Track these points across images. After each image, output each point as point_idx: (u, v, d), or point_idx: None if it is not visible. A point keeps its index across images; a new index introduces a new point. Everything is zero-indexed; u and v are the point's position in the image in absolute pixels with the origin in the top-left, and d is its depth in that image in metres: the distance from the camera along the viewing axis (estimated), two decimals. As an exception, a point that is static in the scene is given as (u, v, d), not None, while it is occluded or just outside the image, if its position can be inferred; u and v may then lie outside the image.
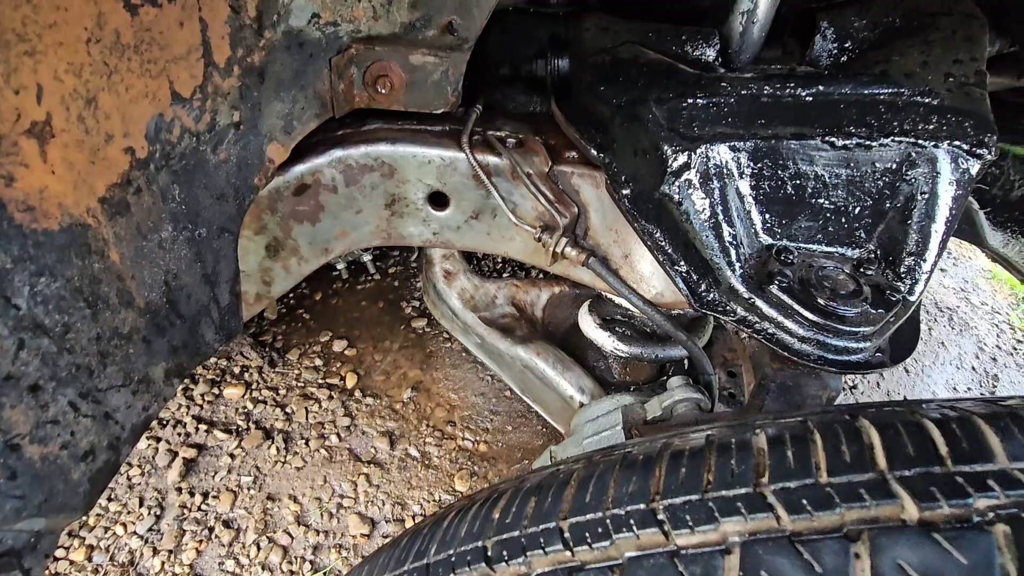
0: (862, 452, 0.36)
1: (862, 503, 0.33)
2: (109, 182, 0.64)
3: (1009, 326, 2.78)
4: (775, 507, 0.35)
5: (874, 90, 0.77)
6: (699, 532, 0.36)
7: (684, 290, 0.81)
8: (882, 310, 0.72)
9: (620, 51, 0.90)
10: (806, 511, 0.34)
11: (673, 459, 0.41)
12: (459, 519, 0.49)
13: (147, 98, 0.65)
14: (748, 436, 0.40)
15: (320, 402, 1.91)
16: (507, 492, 0.48)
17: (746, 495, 0.37)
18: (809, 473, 0.36)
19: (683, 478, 0.39)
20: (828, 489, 0.35)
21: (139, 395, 0.76)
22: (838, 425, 0.39)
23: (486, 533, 0.45)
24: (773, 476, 0.37)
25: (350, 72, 0.93)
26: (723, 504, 0.36)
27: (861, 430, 0.38)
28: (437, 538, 0.49)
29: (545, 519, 0.43)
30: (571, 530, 0.40)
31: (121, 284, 0.70)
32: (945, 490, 0.33)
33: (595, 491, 0.42)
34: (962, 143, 0.72)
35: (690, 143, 0.76)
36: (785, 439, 0.39)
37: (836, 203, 0.78)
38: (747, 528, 0.35)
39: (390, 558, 0.54)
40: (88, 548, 1.53)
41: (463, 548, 0.46)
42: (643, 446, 0.44)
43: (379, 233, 1.16)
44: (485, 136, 1.08)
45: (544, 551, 0.41)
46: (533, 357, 1.36)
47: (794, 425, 0.40)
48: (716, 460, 0.39)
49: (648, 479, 0.40)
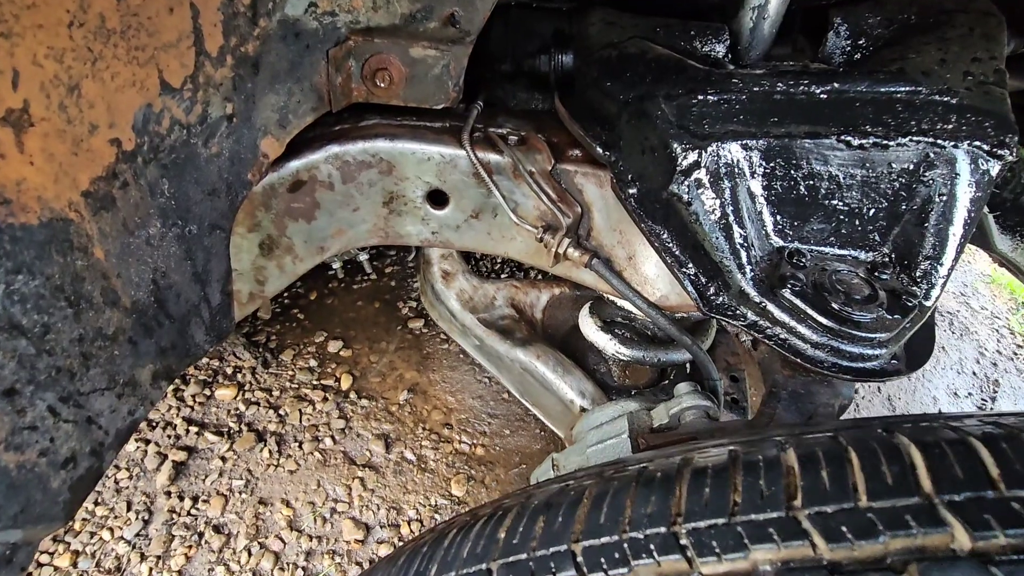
0: (905, 473, 0.33)
1: (908, 531, 0.31)
2: (93, 175, 0.60)
3: (1009, 331, 2.77)
4: (811, 534, 0.32)
5: (891, 88, 0.75)
6: (727, 560, 0.33)
7: (692, 293, 0.78)
8: (898, 315, 0.69)
9: (627, 46, 0.88)
10: (846, 539, 0.31)
11: (695, 477, 0.38)
12: (462, 537, 0.46)
13: (134, 87, 0.62)
14: (776, 453, 0.37)
15: (314, 404, 1.87)
16: (513, 509, 0.45)
17: (778, 519, 0.34)
18: (847, 496, 0.33)
19: (707, 499, 0.36)
20: (869, 515, 0.32)
21: (124, 399, 0.73)
22: (874, 442, 0.36)
23: (491, 555, 0.42)
24: (807, 499, 0.34)
25: (348, 65, 0.90)
26: (753, 529, 0.34)
27: (900, 448, 0.35)
28: (438, 558, 0.46)
29: (556, 541, 0.40)
30: (584, 554, 0.37)
31: (106, 283, 0.66)
32: (1000, 517, 0.30)
33: (610, 511, 0.39)
34: (982, 143, 0.70)
35: (701, 141, 0.73)
36: (818, 457, 0.36)
37: (850, 205, 0.75)
38: (780, 556, 0.32)
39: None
40: (73, 554, 1.49)
41: (466, 571, 0.42)
42: (660, 461, 0.42)
43: (376, 232, 1.13)
44: (486, 133, 1.05)
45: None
46: (533, 360, 1.33)
47: (825, 441, 0.37)
48: (743, 479, 0.37)
49: (668, 499, 0.37)
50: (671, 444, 0.46)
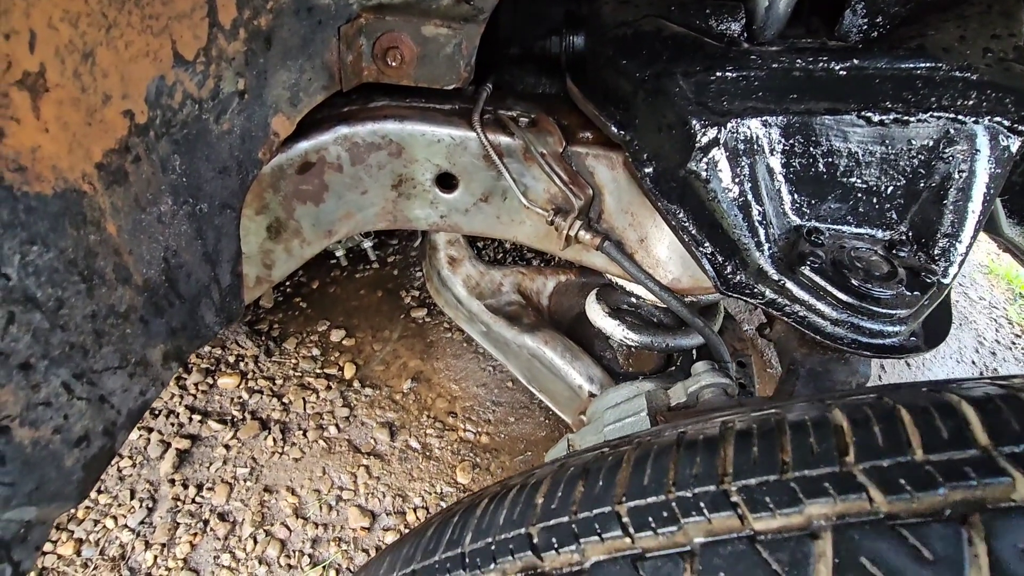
0: (960, 427, 0.33)
1: (968, 482, 0.30)
2: (106, 147, 0.59)
3: (1007, 320, 2.79)
4: (867, 487, 0.32)
5: (911, 64, 0.74)
6: (781, 515, 0.32)
7: (710, 272, 0.78)
8: (917, 292, 0.69)
9: (642, 24, 0.87)
10: (904, 491, 0.31)
11: (741, 438, 0.38)
12: (495, 505, 0.46)
13: (148, 57, 0.60)
14: (822, 413, 0.37)
15: (318, 392, 1.86)
16: (548, 477, 0.45)
17: (832, 474, 0.33)
18: (902, 450, 0.33)
19: (756, 457, 0.36)
20: (927, 468, 0.32)
21: (136, 378, 0.72)
22: (923, 400, 0.36)
23: (529, 519, 0.42)
24: (860, 454, 0.34)
25: (359, 43, 0.88)
26: (806, 485, 0.33)
27: (951, 404, 0.35)
28: (472, 526, 0.46)
29: (599, 503, 0.39)
30: (630, 514, 0.37)
31: (118, 259, 0.65)
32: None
33: (654, 472, 0.38)
34: (1003, 119, 0.70)
35: (720, 117, 0.72)
36: (867, 414, 0.36)
37: (869, 182, 0.75)
38: (836, 511, 0.32)
39: (415, 548, 0.50)
40: (77, 542, 1.48)
41: (504, 535, 0.42)
42: (699, 426, 0.41)
43: (385, 215, 1.12)
44: (497, 115, 1.04)
45: (600, 537, 0.37)
46: (541, 346, 1.32)
47: (872, 401, 0.37)
48: (791, 438, 0.36)
49: (714, 459, 0.37)
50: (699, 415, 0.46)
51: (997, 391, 0.35)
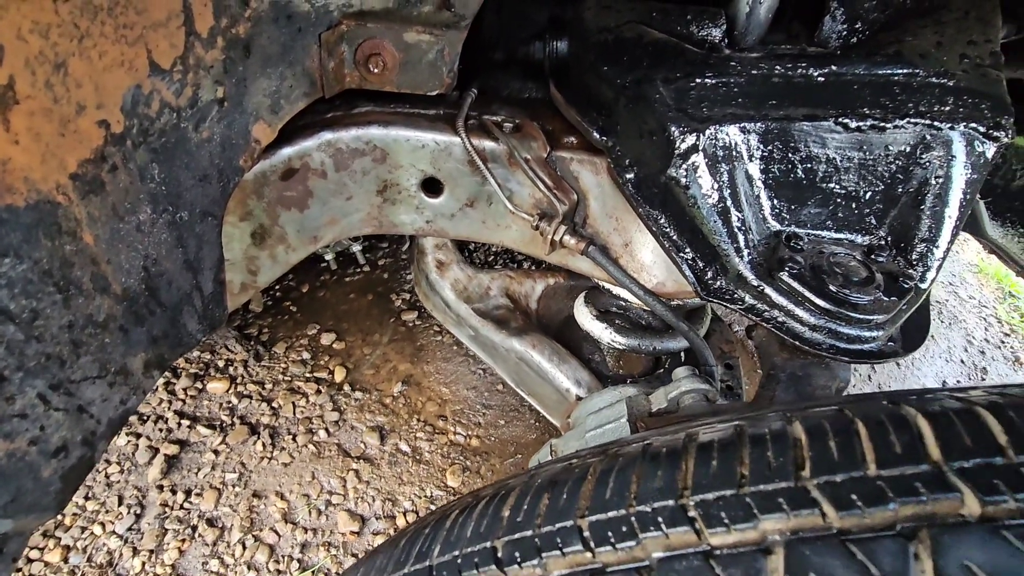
0: (913, 442, 0.33)
1: (918, 498, 0.30)
2: (81, 157, 0.59)
3: (996, 319, 2.81)
4: (820, 503, 0.32)
5: (888, 70, 0.75)
6: (736, 530, 0.33)
7: (690, 278, 0.78)
8: (895, 297, 0.70)
9: (624, 30, 0.87)
10: (856, 507, 0.31)
11: (701, 451, 0.38)
12: (464, 517, 0.46)
13: (123, 67, 0.60)
14: (783, 425, 0.37)
15: (308, 396, 1.86)
16: (516, 488, 0.45)
17: (787, 489, 0.33)
18: (856, 465, 0.33)
19: (715, 471, 0.36)
20: (879, 483, 0.32)
21: (116, 387, 0.72)
22: (881, 413, 0.36)
23: (495, 533, 0.42)
24: (816, 469, 0.34)
25: (340, 49, 0.88)
26: (762, 500, 0.33)
27: (907, 418, 0.35)
28: (440, 538, 0.46)
29: (562, 517, 0.39)
30: (591, 528, 0.37)
31: (96, 268, 0.65)
32: (1009, 483, 0.30)
33: (616, 486, 0.38)
34: (978, 125, 0.70)
35: (699, 124, 0.73)
36: (825, 429, 0.36)
37: (847, 188, 0.76)
38: (789, 526, 0.32)
39: (388, 559, 0.50)
40: (64, 549, 1.48)
41: (470, 549, 0.42)
42: (665, 438, 0.41)
43: (370, 221, 1.12)
44: (481, 120, 1.04)
45: (561, 552, 0.37)
46: (529, 349, 1.33)
47: (832, 414, 0.37)
48: (750, 452, 0.36)
49: (675, 473, 0.37)
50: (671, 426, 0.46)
51: (954, 404, 0.36)
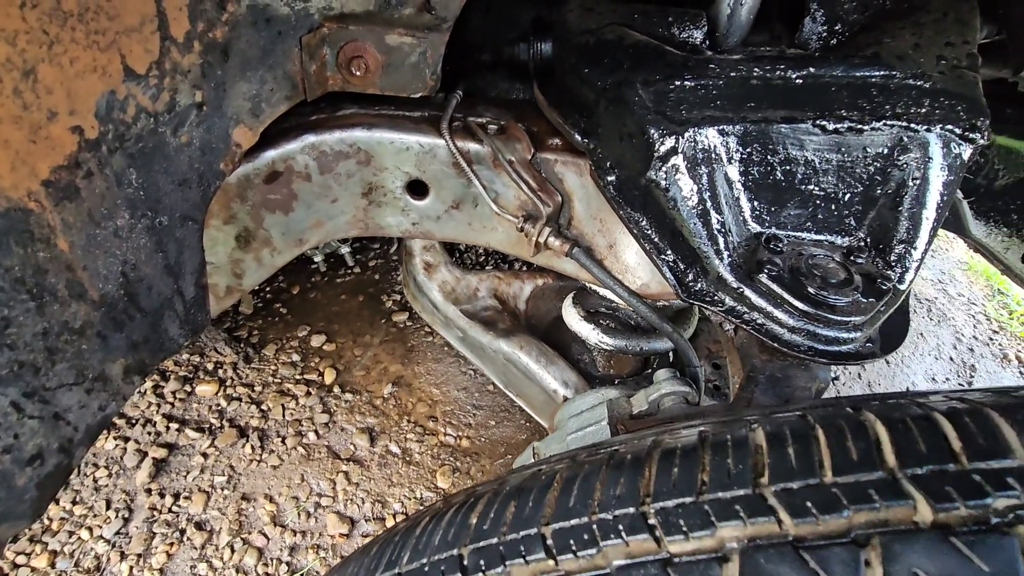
0: (870, 449, 0.34)
1: (871, 504, 0.31)
2: (54, 164, 0.58)
3: (985, 317, 2.83)
4: (776, 510, 0.32)
5: (866, 72, 0.75)
6: (694, 538, 0.33)
7: (671, 280, 0.78)
8: (873, 299, 0.70)
9: (605, 32, 0.87)
10: (811, 514, 0.31)
11: (665, 458, 0.38)
12: (434, 525, 0.46)
13: (96, 73, 0.60)
14: (745, 432, 0.37)
15: (297, 399, 1.85)
16: (485, 495, 0.45)
17: (745, 497, 0.34)
18: (813, 472, 0.33)
19: (676, 479, 0.36)
20: (834, 490, 0.32)
21: (94, 394, 0.71)
22: (841, 419, 0.36)
23: (462, 540, 0.42)
24: (774, 476, 0.34)
25: (322, 52, 0.88)
26: (720, 507, 0.33)
27: (867, 424, 0.35)
28: (410, 545, 0.46)
29: (526, 525, 0.39)
30: (554, 536, 0.37)
31: (71, 275, 0.64)
32: (961, 489, 0.30)
33: (580, 494, 0.38)
34: (954, 127, 0.70)
35: (678, 126, 0.73)
36: (785, 435, 0.36)
37: (826, 190, 0.76)
38: (746, 533, 0.32)
39: (359, 567, 0.50)
40: (51, 554, 1.47)
41: (437, 557, 0.42)
42: (631, 444, 0.41)
43: (356, 223, 1.12)
44: (466, 122, 1.04)
45: (525, 560, 0.37)
46: (516, 351, 1.33)
47: (793, 420, 0.37)
48: (711, 459, 0.36)
49: (638, 480, 0.37)
50: (647, 429, 0.46)
51: (914, 411, 0.36)
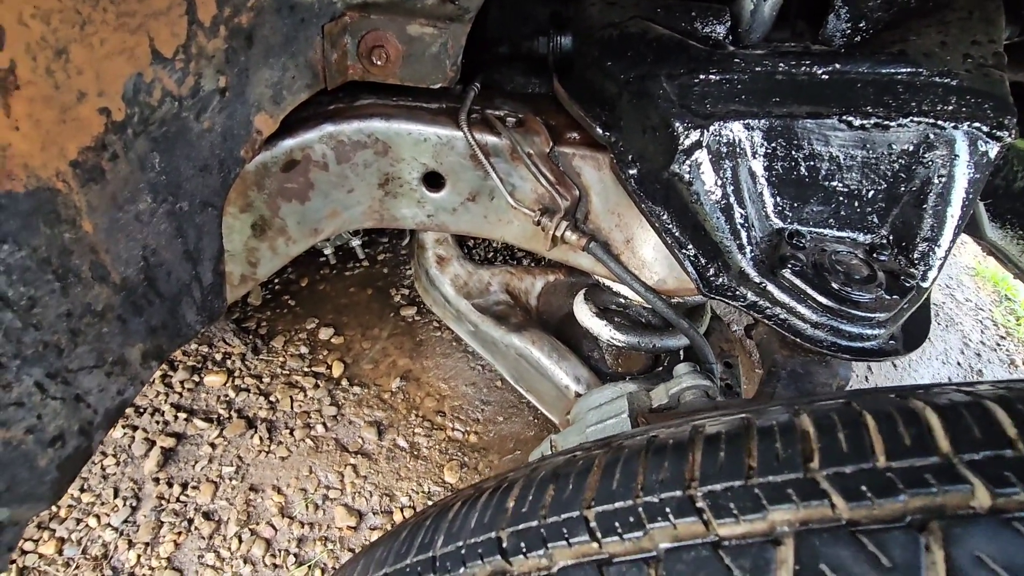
0: (922, 434, 0.33)
1: (928, 489, 0.30)
2: (81, 145, 0.58)
3: (993, 322, 2.82)
4: (829, 494, 0.32)
5: (892, 69, 0.74)
6: (745, 521, 0.33)
7: (692, 274, 0.78)
8: (896, 296, 0.70)
9: (628, 26, 0.87)
10: (866, 498, 0.31)
11: (709, 443, 0.38)
12: (467, 509, 0.46)
13: (124, 55, 0.60)
14: (790, 418, 0.37)
15: (306, 391, 1.85)
16: (519, 481, 0.45)
17: (796, 480, 0.33)
18: (865, 457, 0.33)
19: (722, 463, 0.36)
20: (888, 474, 0.32)
21: (113, 377, 0.71)
22: (889, 406, 0.36)
23: (499, 523, 0.42)
24: (824, 460, 0.34)
25: (343, 41, 0.88)
26: (770, 491, 0.33)
27: (916, 411, 0.35)
28: (443, 529, 0.46)
29: (567, 508, 0.39)
30: (597, 519, 0.37)
31: (94, 257, 0.64)
32: (1020, 475, 0.30)
33: (622, 477, 0.38)
34: (981, 125, 0.70)
35: (703, 120, 0.73)
36: (833, 421, 0.36)
37: (850, 186, 0.75)
38: (799, 517, 0.32)
39: (388, 551, 0.50)
40: (59, 541, 1.47)
41: (474, 539, 0.42)
42: (670, 430, 0.41)
43: (371, 214, 1.12)
44: (484, 115, 1.04)
45: (568, 542, 0.37)
46: (528, 346, 1.32)
47: (839, 408, 0.37)
48: (758, 444, 0.36)
49: (682, 464, 0.37)
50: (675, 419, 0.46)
51: (962, 398, 0.36)
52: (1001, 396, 0.35)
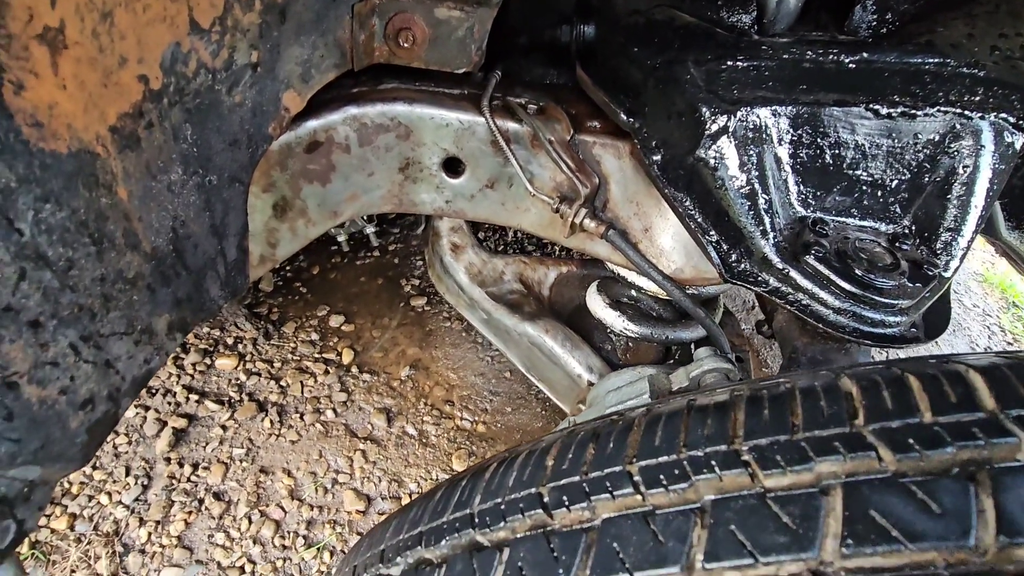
0: (968, 392, 0.34)
1: (975, 442, 0.31)
2: (121, 110, 0.59)
3: (1000, 328, 2.82)
4: (876, 447, 0.32)
5: (919, 59, 0.75)
6: (792, 473, 0.33)
7: (715, 259, 0.79)
8: (919, 284, 0.70)
9: (655, 13, 0.87)
10: (913, 450, 0.32)
11: (751, 403, 0.38)
12: (504, 469, 0.46)
13: (165, 23, 0.61)
14: (833, 380, 0.38)
15: (316, 376, 1.86)
16: (556, 442, 0.45)
17: (842, 435, 0.34)
18: (911, 413, 0.34)
19: (767, 420, 0.37)
20: (936, 428, 0.32)
21: (141, 345, 0.72)
22: (931, 368, 0.37)
23: (539, 480, 0.42)
24: (870, 417, 0.34)
25: (372, 22, 0.89)
26: (817, 444, 0.34)
27: (959, 372, 0.36)
28: (480, 488, 0.46)
29: (609, 463, 0.40)
30: (641, 473, 0.38)
31: (128, 224, 0.65)
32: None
33: (665, 434, 0.39)
34: (1008, 115, 0.70)
35: (730, 106, 0.73)
36: (877, 381, 0.36)
37: (874, 175, 0.76)
38: (845, 469, 0.32)
39: (423, 511, 0.50)
40: (71, 517, 1.49)
41: (514, 496, 0.43)
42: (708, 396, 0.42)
43: (390, 198, 1.12)
44: (505, 102, 1.04)
45: (611, 495, 0.38)
46: (542, 334, 1.33)
47: (880, 370, 0.38)
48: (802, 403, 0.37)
49: (726, 421, 0.38)
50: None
51: (1004, 361, 0.36)
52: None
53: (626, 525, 0.36)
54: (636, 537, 0.35)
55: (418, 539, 0.47)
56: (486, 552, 0.41)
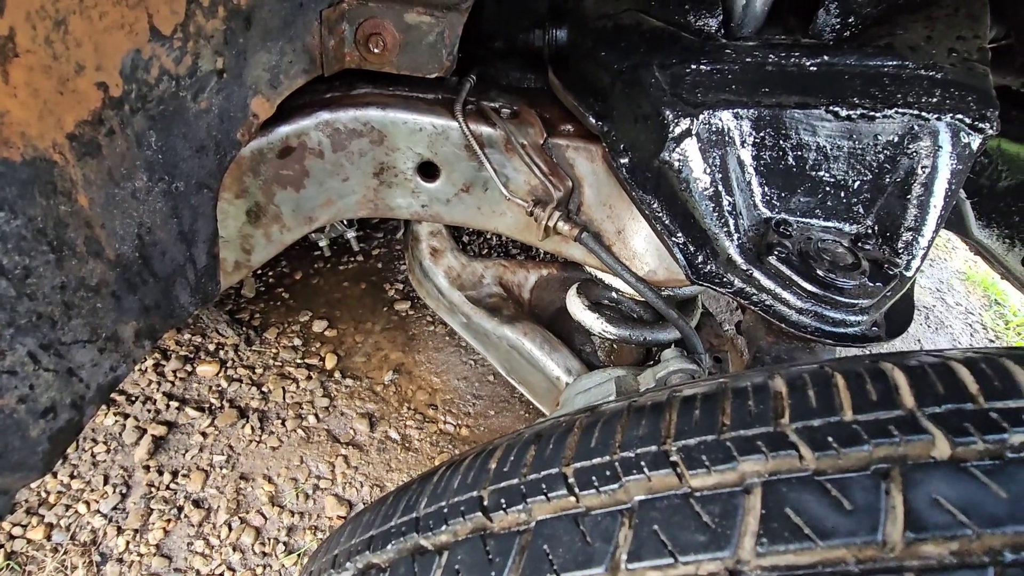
0: (888, 391, 0.35)
1: (891, 439, 0.32)
2: (79, 118, 0.59)
3: (982, 326, 2.85)
4: (797, 445, 0.33)
5: (879, 62, 0.76)
6: (716, 472, 0.34)
7: (681, 261, 0.79)
8: (880, 283, 0.71)
9: (622, 17, 0.88)
10: (831, 448, 0.32)
11: (684, 403, 0.39)
12: (451, 472, 0.47)
13: (123, 30, 0.60)
14: (764, 380, 0.38)
15: (298, 382, 1.85)
16: (502, 445, 0.46)
17: (766, 434, 0.34)
18: (833, 411, 0.34)
19: (697, 420, 0.37)
20: (854, 426, 0.33)
21: (106, 353, 0.72)
22: (859, 367, 0.37)
23: (481, 483, 0.43)
24: (794, 415, 0.35)
25: (341, 28, 0.89)
26: (741, 443, 0.34)
27: (884, 371, 0.36)
28: (427, 491, 0.47)
29: (547, 466, 0.40)
30: (576, 475, 0.38)
31: (89, 232, 0.65)
32: (978, 426, 0.31)
33: (601, 436, 0.39)
34: (964, 116, 0.72)
35: (693, 108, 0.74)
36: (805, 380, 0.37)
37: (836, 176, 0.77)
38: (767, 468, 0.33)
39: (376, 515, 0.51)
40: (47, 526, 1.47)
41: (456, 499, 0.43)
42: (649, 396, 0.42)
43: (366, 203, 1.12)
44: (479, 106, 1.05)
45: (547, 497, 0.38)
46: (520, 337, 1.33)
47: (812, 370, 0.38)
48: (732, 403, 0.37)
49: (659, 422, 0.38)
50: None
51: (931, 360, 0.37)
52: (968, 358, 0.36)
53: (558, 527, 0.36)
54: (566, 538, 0.35)
55: (367, 544, 0.47)
56: (428, 556, 0.41)
